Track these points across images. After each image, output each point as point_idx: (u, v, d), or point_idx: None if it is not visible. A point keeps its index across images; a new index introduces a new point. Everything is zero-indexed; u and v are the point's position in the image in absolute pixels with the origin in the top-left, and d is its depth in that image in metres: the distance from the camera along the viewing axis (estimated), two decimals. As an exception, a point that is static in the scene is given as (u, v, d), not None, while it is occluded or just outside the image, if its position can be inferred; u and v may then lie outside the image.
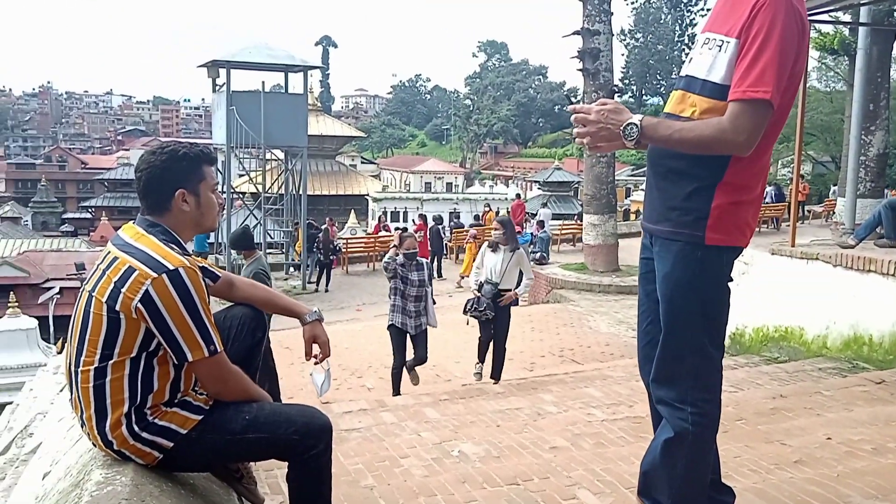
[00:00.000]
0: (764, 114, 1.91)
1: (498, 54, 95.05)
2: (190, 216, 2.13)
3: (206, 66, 20.03)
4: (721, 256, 2.10)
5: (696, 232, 2.05)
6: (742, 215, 2.08)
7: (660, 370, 2.20)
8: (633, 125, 1.97)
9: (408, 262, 6.77)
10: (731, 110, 1.92)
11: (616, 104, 2.03)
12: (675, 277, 2.11)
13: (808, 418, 4.24)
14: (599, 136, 2.03)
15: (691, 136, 1.96)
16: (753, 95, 1.89)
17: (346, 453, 3.99)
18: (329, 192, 42.27)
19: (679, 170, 2.07)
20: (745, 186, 2.05)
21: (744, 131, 1.91)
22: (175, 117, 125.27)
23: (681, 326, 2.12)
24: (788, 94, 1.99)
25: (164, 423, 2.02)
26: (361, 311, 15.20)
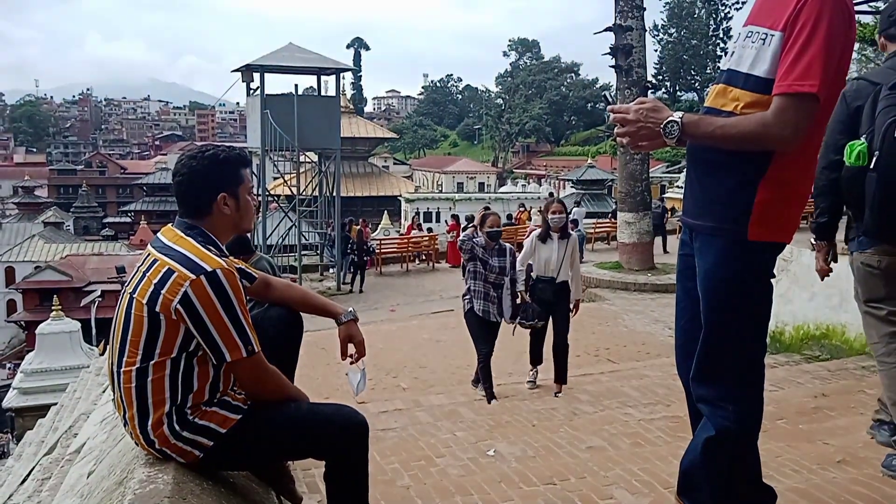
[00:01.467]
0: (810, 108, 1.87)
1: (529, 52, 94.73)
2: (230, 219, 2.16)
3: (240, 70, 20.27)
4: (764, 252, 2.06)
5: (739, 227, 2.01)
6: (786, 211, 2.03)
7: (701, 368, 2.16)
8: (673, 122, 1.95)
9: (490, 243, 5.96)
10: (776, 104, 1.88)
11: (655, 102, 2.02)
12: (717, 274, 2.07)
13: (851, 417, 4.15)
14: (640, 136, 2.01)
15: (734, 132, 1.92)
16: (800, 89, 1.85)
17: (382, 453, 4.01)
18: (362, 194, 42.53)
19: (721, 164, 2.03)
20: (790, 181, 2.00)
21: (789, 126, 1.87)
22: (210, 121, 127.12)
23: (722, 323, 2.09)
24: (835, 88, 1.96)
25: (204, 422, 2.05)
26: (395, 312, 15.26)
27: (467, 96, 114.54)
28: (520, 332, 6.43)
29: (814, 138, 2.01)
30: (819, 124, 1.99)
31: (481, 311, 5.97)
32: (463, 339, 10.26)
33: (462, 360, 8.50)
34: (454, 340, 10.15)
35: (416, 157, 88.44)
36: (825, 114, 1.98)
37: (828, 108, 1.97)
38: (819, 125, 1.99)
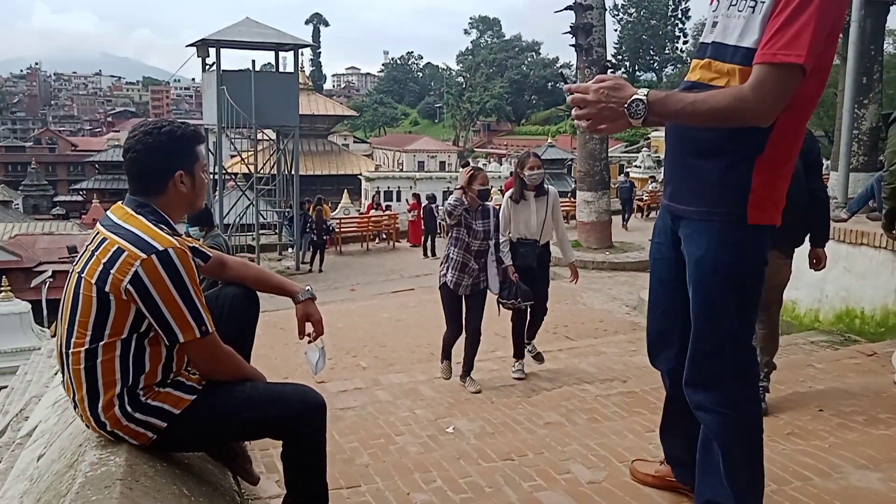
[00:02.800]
0: (793, 80, 1.73)
1: (490, 31, 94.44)
2: (184, 196, 2.11)
3: (195, 46, 19.81)
4: (762, 236, 1.93)
5: (738, 210, 1.88)
6: (780, 191, 1.92)
7: (696, 370, 2.01)
8: (638, 101, 1.77)
9: (475, 203, 5.29)
10: (757, 74, 1.74)
11: (616, 79, 1.84)
12: (711, 261, 1.92)
13: (800, 391, 4.27)
14: (601, 117, 1.81)
15: (705, 107, 1.77)
16: (785, 59, 1.71)
17: (341, 432, 4.01)
18: (322, 172, 42.08)
19: (713, 144, 1.88)
20: (782, 160, 1.90)
21: (766, 99, 1.73)
22: (165, 98, 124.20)
23: (718, 316, 1.95)
24: (824, 60, 1.82)
25: (156, 403, 2.02)
26: (355, 291, 15.19)
27: (428, 74, 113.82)
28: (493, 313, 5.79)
29: (806, 115, 1.90)
30: (811, 98, 1.87)
31: (452, 283, 5.34)
32: (423, 318, 10.30)
33: (423, 338, 8.52)
34: (414, 319, 10.17)
35: (377, 135, 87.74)
36: (817, 87, 1.85)
37: (817, 81, 1.84)
38: (811, 99, 1.87)
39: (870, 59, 10.17)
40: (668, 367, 2.25)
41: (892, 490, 2.44)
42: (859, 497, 2.41)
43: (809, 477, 2.59)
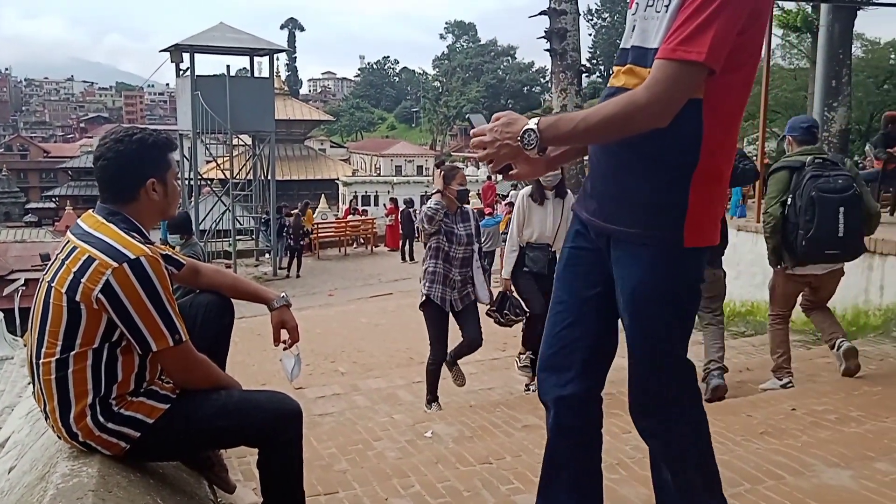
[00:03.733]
0: (692, 78, 1.60)
1: (466, 35, 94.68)
2: (157, 205, 2.09)
3: (168, 51, 19.65)
4: (699, 258, 1.81)
5: (674, 234, 1.73)
6: (717, 208, 1.79)
7: (641, 397, 1.89)
8: (529, 131, 1.68)
9: (453, 206, 4.86)
10: (653, 73, 1.61)
11: (509, 115, 1.75)
12: (647, 290, 1.78)
13: (773, 390, 4.33)
14: (501, 156, 1.74)
15: (597, 119, 1.64)
16: (685, 56, 1.58)
17: (319, 438, 3.99)
18: (298, 177, 41.90)
19: (643, 156, 1.72)
20: (718, 173, 1.75)
21: (660, 97, 1.59)
22: (139, 103, 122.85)
23: (659, 343, 1.83)
24: (747, 61, 1.69)
25: (130, 413, 1.99)
26: (333, 296, 15.14)
27: (404, 79, 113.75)
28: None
29: (736, 121, 1.76)
30: (737, 103, 1.73)
31: (439, 298, 4.83)
32: (402, 322, 10.29)
33: (401, 343, 8.52)
34: (393, 324, 10.16)
35: (354, 139, 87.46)
36: (742, 90, 1.72)
37: (741, 84, 1.71)
38: (737, 104, 1.73)
39: (838, 63, 10.34)
40: (559, 393, 1.93)
41: (862, 487, 2.48)
42: (831, 495, 2.44)
43: (782, 476, 2.62)
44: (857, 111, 18.88)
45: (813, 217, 3.91)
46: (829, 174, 3.98)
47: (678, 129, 1.65)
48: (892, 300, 5.60)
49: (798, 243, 4.00)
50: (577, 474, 1.99)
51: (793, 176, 4.07)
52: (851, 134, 15.54)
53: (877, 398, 3.82)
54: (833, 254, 4.03)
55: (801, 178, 4.01)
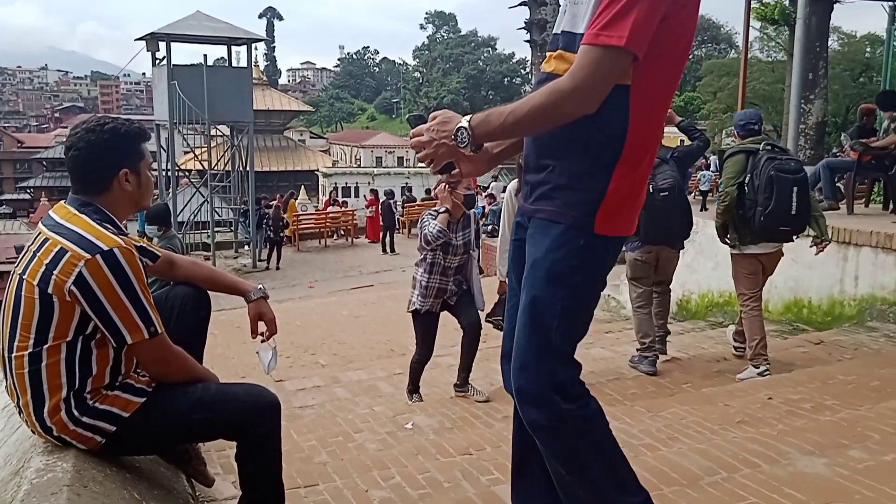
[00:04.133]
0: (615, 64, 1.57)
1: (446, 25, 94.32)
2: (130, 195, 2.06)
3: (144, 39, 19.40)
4: (607, 247, 1.74)
5: (585, 216, 1.69)
6: (637, 198, 1.75)
7: (522, 381, 1.80)
8: (461, 128, 1.66)
9: (456, 215, 4.62)
10: (577, 59, 1.59)
11: (444, 114, 1.73)
12: (546, 266, 1.73)
13: (750, 380, 4.37)
14: (440, 155, 1.71)
15: (526, 110, 1.61)
16: (607, 41, 1.55)
17: (299, 430, 3.98)
18: (278, 168, 41.60)
19: (569, 143, 1.69)
20: (640, 162, 1.71)
21: (584, 83, 1.57)
22: (115, 92, 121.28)
23: (543, 324, 1.75)
24: (675, 48, 1.65)
25: (105, 406, 1.97)
26: (314, 288, 15.08)
27: (384, 69, 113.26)
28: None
29: (658, 108, 1.71)
30: (663, 91, 1.70)
31: (424, 309, 4.69)
32: (383, 314, 10.27)
33: (381, 335, 8.51)
34: (373, 316, 10.14)
35: (334, 130, 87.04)
36: (669, 78, 1.69)
37: (668, 73, 1.68)
38: (663, 92, 1.70)
39: (815, 56, 10.44)
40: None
41: (836, 475, 2.51)
42: (806, 482, 2.47)
43: (758, 464, 2.65)
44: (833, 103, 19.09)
45: (771, 195, 4.22)
46: (782, 157, 4.35)
47: (604, 115, 1.63)
48: (867, 290, 5.67)
49: (756, 219, 4.30)
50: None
51: (749, 159, 4.40)
52: (828, 126, 15.71)
53: (851, 387, 3.87)
54: (785, 230, 4.38)
55: (757, 160, 4.35)
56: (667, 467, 2.67)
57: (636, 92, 1.63)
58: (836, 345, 5.13)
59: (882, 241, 5.56)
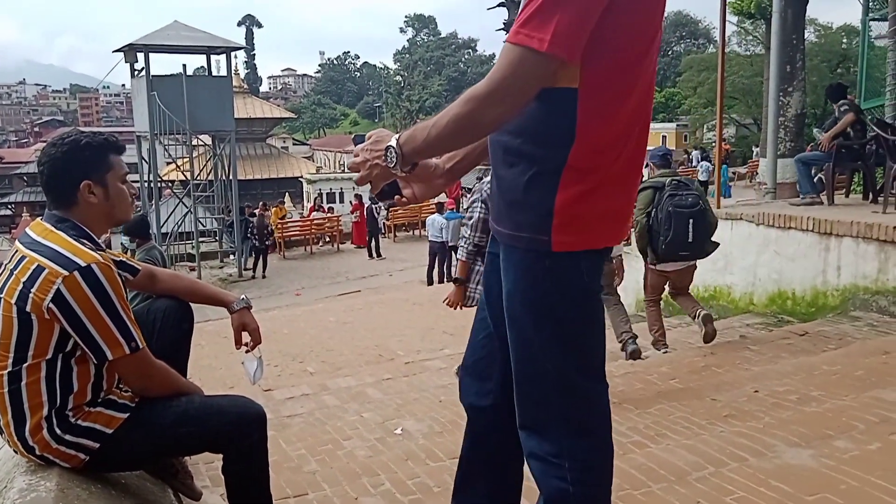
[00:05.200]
0: (538, 68, 1.40)
1: (426, 28, 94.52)
2: (99, 209, 2.04)
3: (122, 51, 19.29)
4: (577, 263, 1.56)
5: (540, 235, 1.53)
6: (601, 205, 1.54)
7: (524, 414, 1.67)
8: (390, 148, 1.53)
9: None
10: (498, 59, 1.44)
11: (379, 132, 1.61)
12: (520, 295, 1.60)
13: (736, 373, 4.40)
14: (375, 177, 1.59)
15: (447, 121, 1.46)
16: (526, 41, 1.38)
17: (288, 440, 3.95)
18: (261, 176, 41.44)
19: (514, 150, 1.55)
20: (600, 167, 1.52)
21: (500, 88, 1.41)
22: (95, 105, 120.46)
23: (537, 357, 1.61)
24: (626, 47, 1.48)
25: (87, 424, 1.95)
26: (301, 296, 15.04)
27: (366, 74, 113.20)
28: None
29: (614, 114, 1.52)
30: (618, 97, 1.51)
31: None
32: (370, 319, 10.25)
33: (369, 340, 8.49)
34: (361, 322, 10.12)
35: (316, 136, 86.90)
36: (624, 83, 1.51)
37: (614, 69, 1.49)
38: (617, 98, 1.51)
39: (792, 49, 10.53)
40: (478, 403, 1.87)
41: (822, 466, 2.53)
42: (792, 474, 2.49)
43: (745, 457, 2.67)
44: (811, 95, 19.28)
45: (670, 227, 4.91)
46: (682, 193, 4.98)
47: (549, 121, 1.49)
48: (849, 280, 5.72)
49: (659, 246, 5.02)
50: (493, 488, 1.92)
51: (656, 194, 5.03)
52: (807, 118, 15.87)
53: (836, 377, 3.90)
54: (685, 254, 5.12)
55: (661, 195, 4.99)
56: (654, 464, 2.68)
57: (585, 95, 1.47)
58: (821, 335, 5.17)
59: (862, 230, 5.62)
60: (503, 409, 1.76)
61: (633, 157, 1.59)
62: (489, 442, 1.89)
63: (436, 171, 1.71)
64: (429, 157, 1.61)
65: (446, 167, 1.77)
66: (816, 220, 5.95)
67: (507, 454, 1.85)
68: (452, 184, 1.92)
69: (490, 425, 1.87)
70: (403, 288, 14.21)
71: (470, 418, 1.93)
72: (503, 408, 1.75)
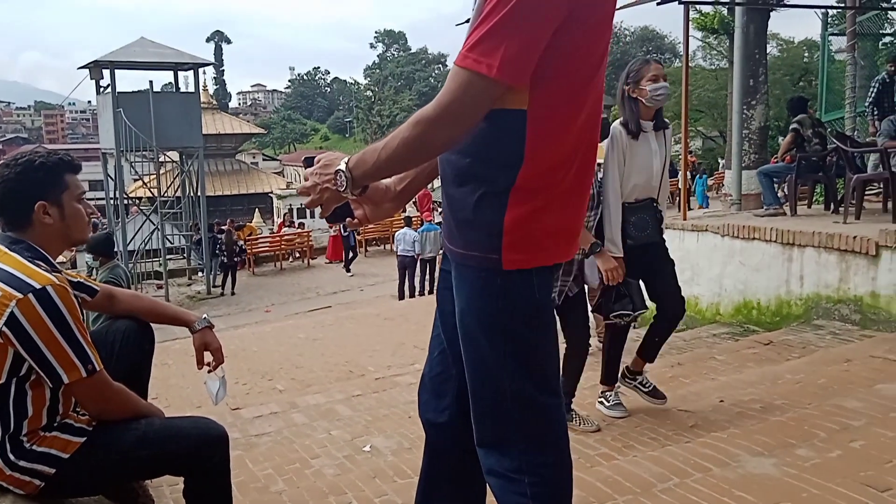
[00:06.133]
0: (485, 93, 1.40)
1: (396, 44, 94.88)
2: (55, 229, 2.01)
3: (87, 67, 19.07)
4: (530, 280, 1.56)
5: (491, 254, 1.53)
6: (550, 223, 1.55)
7: (482, 432, 1.66)
8: (339, 172, 1.52)
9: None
10: (446, 81, 1.43)
11: (329, 155, 1.59)
12: (473, 313, 1.60)
13: (703, 383, 4.45)
14: (326, 200, 1.57)
15: (395, 144, 1.46)
16: (474, 66, 1.38)
17: (255, 459, 3.90)
18: (231, 192, 41.10)
19: (463, 170, 1.55)
20: (547, 186, 1.53)
21: (447, 112, 1.41)
22: (60, 122, 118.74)
23: (493, 375, 1.60)
24: (578, 69, 1.49)
25: (43, 449, 1.91)
26: (271, 312, 14.90)
27: (336, 89, 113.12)
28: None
29: (561, 134, 1.52)
30: (570, 112, 1.52)
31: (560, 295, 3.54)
32: (340, 335, 10.18)
33: (339, 356, 8.43)
34: (331, 338, 10.04)
35: (287, 152, 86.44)
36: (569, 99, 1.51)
37: (563, 91, 1.50)
38: (569, 113, 1.52)
39: (755, 63, 10.74)
40: (436, 420, 1.87)
41: (784, 474, 2.56)
42: (755, 483, 2.52)
43: (709, 468, 2.69)
44: (775, 108, 19.65)
45: None
46: None
47: (498, 142, 1.50)
48: (812, 290, 5.82)
49: None
50: (457, 493, 1.92)
51: None
52: (771, 130, 16.17)
53: (798, 386, 3.96)
54: None
55: None
56: (620, 476, 2.69)
57: (533, 117, 1.49)
58: (785, 344, 5.25)
59: (824, 240, 5.73)
60: (460, 426, 1.75)
61: (581, 175, 1.60)
62: (448, 458, 1.89)
63: (387, 193, 1.73)
64: (379, 179, 1.62)
65: (396, 189, 1.77)
66: (779, 230, 6.06)
67: (467, 470, 1.85)
68: (403, 206, 1.92)
69: (448, 441, 1.86)
70: (375, 303, 14.15)
71: (428, 435, 1.92)
72: (460, 424, 1.75)
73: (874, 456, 2.66)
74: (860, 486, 2.43)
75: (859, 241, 5.40)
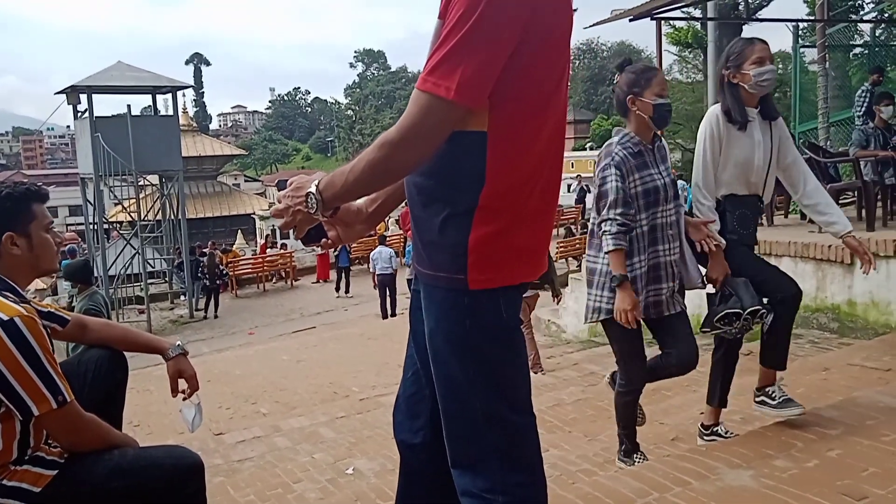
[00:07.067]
0: (445, 116, 1.42)
1: (376, 63, 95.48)
2: (23, 260, 2.00)
3: (65, 92, 18.98)
4: (496, 300, 1.58)
5: (457, 275, 1.54)
6: (515, 242, 1.56)
7: (455, 452, 1.66)
8: (310, 194, 1.53)
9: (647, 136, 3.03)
10: (408, 104, 1.46)
11: (299, 178, 1.60)
12: (442, 334, 1.61)
13: (684, 396, 4.47)
14: (299, 222, 1.59)
15: (361, 167, 1.48)
16: (434, 90, 1.41)
17: (236, 485, 3.88)
18: (213, 214, 40.90)
19: (427, 191, 1.58)
20: (511, 206, 1.55)
21: (410, 135, 1.43)
22: (38, 147, 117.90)
23: (463, 394, 1.61)
24: (535, 90, 1.52)
25: (13, 483, 1.89)
26: (254, 335, 14.80)
27: (317, 109, 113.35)
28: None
29: (526, 154, 1.54)
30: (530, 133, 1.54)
31: (653, 306, 3.13)
32: (324, 356, 10.13)
33: (323, 377, 8.39)
34: (315, 359, 10.00)
35: (268, 172, 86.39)
36: (529, 120, 1.53)
37: (523, 112, 1.52)
38: (530, 134, 1.54)
39: (727, 76, 10.87)
40: (410, 440, 1.87)
41: (762, 486, 2.57)
42: (734, 496, 2.53)
43: (688, 481, 2.70)
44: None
45: None
46: None
47: (459, 163, 1.52)
48: (790, 299, 5.87)
49: None
50: None
51: None
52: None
53: (778, 395, 3.98)
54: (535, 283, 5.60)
55: None
56: (601, 493, 2.69)
57: (494, 138, 1.51)
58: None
59: (800, 250, 5.79)
60: (434, 446, 1.75)
61: (547, 193, 1.62)
62: (424, 479, 1.89)
63: (359, 214, 1.73)
64: (348, 200, 1.63)
65: (368, 210, 1.78)
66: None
67: (442, 491, 1.83)
68: (375, 226, 1.94)
69: (423, 462, 1.86)
70: (358, 323, 14.11)
71: (403, 456, 1.92)
72: (435, 445, 1.75)
73: (851, 465, 2.68)
74: (837, 496, 2.44)
75: (835, 250, 5.46)
